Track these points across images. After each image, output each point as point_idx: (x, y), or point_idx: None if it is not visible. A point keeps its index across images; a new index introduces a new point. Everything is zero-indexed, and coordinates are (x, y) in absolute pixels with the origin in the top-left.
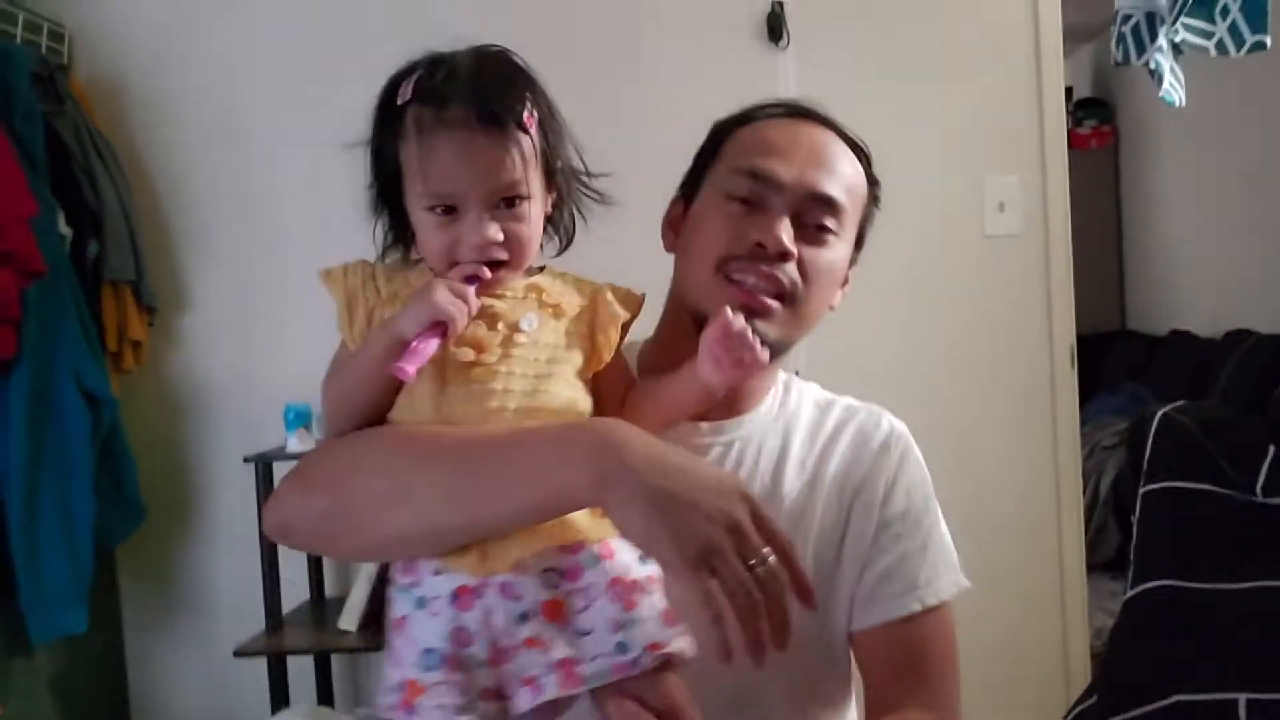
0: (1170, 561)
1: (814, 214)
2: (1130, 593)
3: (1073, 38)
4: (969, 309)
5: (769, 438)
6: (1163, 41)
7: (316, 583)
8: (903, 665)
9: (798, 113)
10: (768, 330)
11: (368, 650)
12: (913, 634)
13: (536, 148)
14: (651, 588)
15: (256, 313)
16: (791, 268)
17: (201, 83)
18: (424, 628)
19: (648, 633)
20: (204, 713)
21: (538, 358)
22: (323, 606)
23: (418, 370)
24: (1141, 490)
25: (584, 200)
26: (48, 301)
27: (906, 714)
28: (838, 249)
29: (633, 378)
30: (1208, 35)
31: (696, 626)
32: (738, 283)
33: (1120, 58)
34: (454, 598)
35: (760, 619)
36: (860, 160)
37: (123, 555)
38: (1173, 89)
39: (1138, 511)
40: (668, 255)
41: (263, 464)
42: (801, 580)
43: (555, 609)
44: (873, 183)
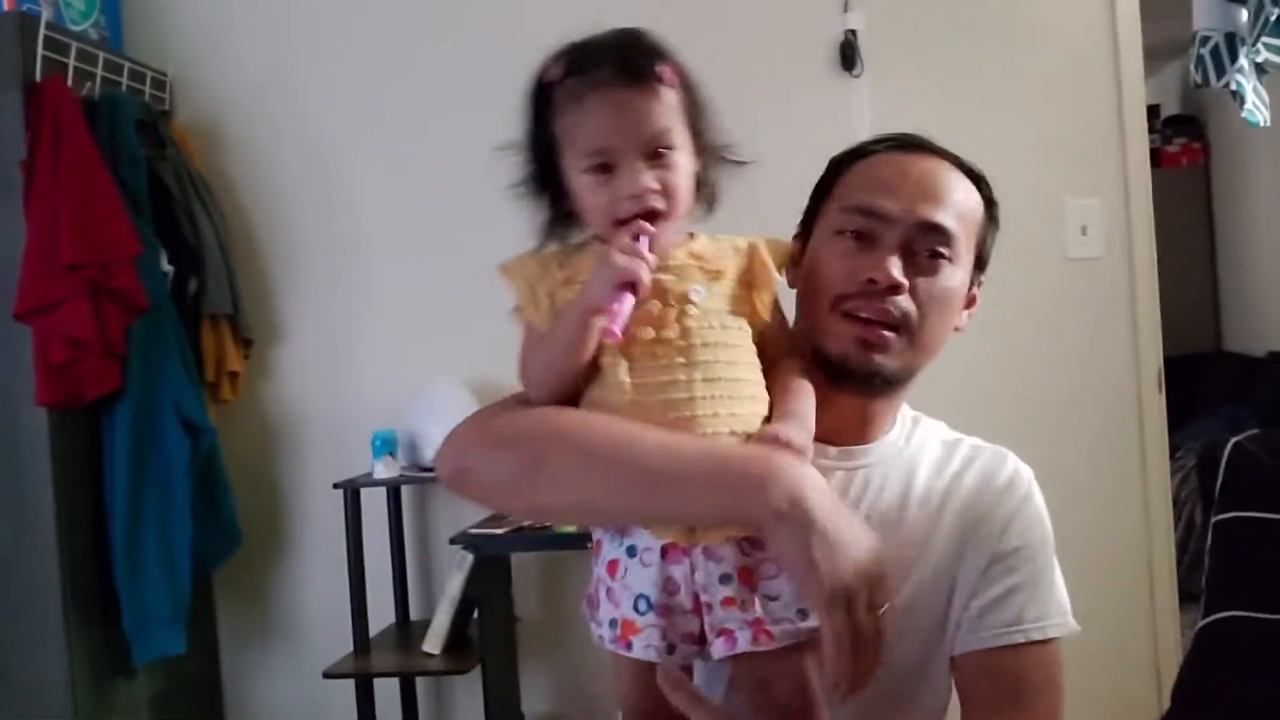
0: (1241, 592)
1: (925, 243)
2: (1202, 623)
3: (1159, 55)
4: (1052, 334)
5: (894, 468)
6: (1244, 62)
7: (402, 607)
8: (1001, 694)
9: (908, 145)
10: (886, 362)
11: (451, 673)
12: (1014, 665)
13: (680, 103)
14: None
15: (344, 345)
16: (904, 300)
17: (292, 125)
18: (637, 575)
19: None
20: None
21: (711, 325)
22: (408, 630)
23: (623, 328)
24: (1213, 520)
25: (729, 165)
26: (151, 336)
27: None
28: (953, 275)
29: (792, 332)
30: None
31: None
32: (853, 318)
33: (1200, 80)
34: (664, 552)
35: (866, 660)
36: (975, 184)
37: (219, 579)
38: (1256, 109)
39: (1209, 541)
40: None
41: (351, 490)
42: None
43: (749, 574)
44: (990, 204)
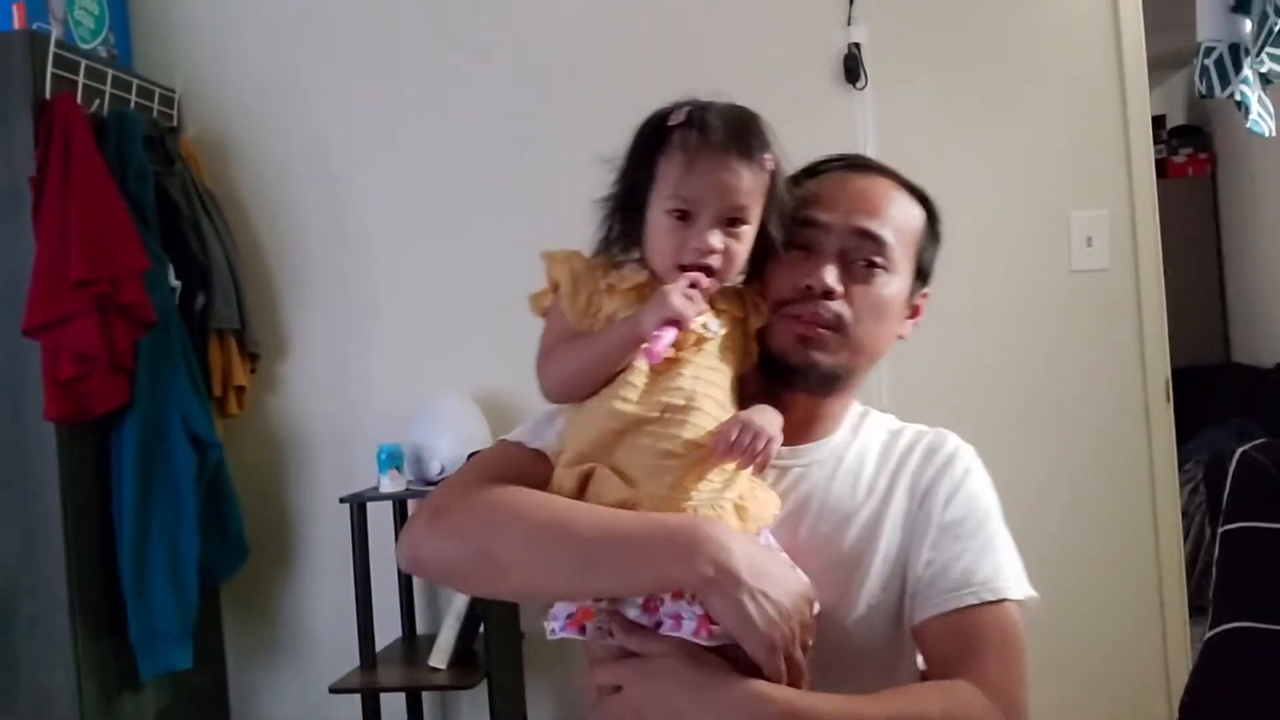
0: (1249, 603)
1: (861, 252)
2: (1209, 634)
3: (1165, 66)
4: (1058, 346)
5: (845, 459)
6: (1248, 73)
7: (408, 621)
8: (957, 653)
9: (853, 164)
10: (822, 358)
11: (457, 688)
12: (969, 625)
13: (767, 187)
14: None
15: (350, 359)
16: (838, 304)
17: (299, 141)
18: None
19: None
20: None
21: (711, 364)
22: (414, 644)
23: (661, 354)
24: (1220, 530)
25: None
26: (158, 351)
27: (954, 682)
28: (888, 284)
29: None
30: None
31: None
32: (791, 318)
33: (1204, 90)
34: None
35: (802, 681)
36: (920, 202)
37: (226, 593)
38: (1261, 120)
39: (1216, 552)
40: None
41: (357, 504)
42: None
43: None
44: (932, 218)
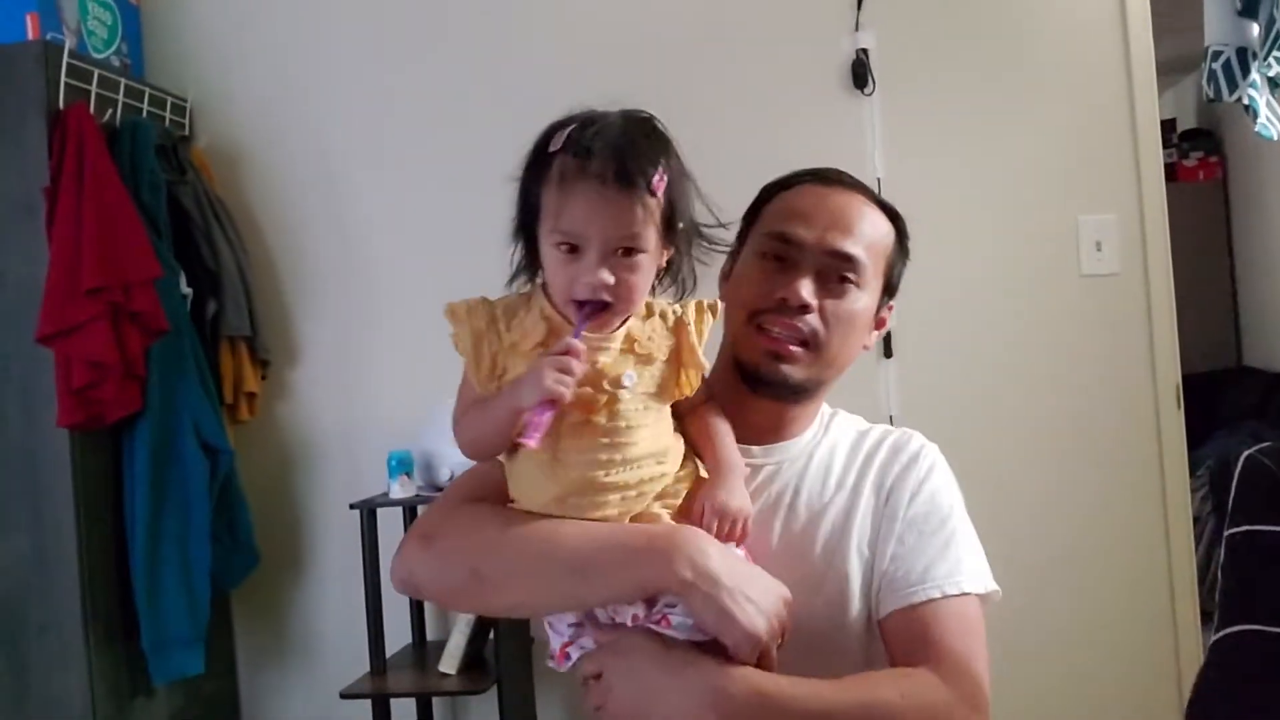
0: (1255, 606)
1: (835, 269)
2: (1215, 637)
3: (1175, 69)
4: (1067, 350)
5: (814, 457)
6: (1255, 76)
7: (418, 627)
8: (918, 644)
9: (828, 178)
10: (793, 373)
11: (467, 694)
12: (929, 617)
13: (660, 209)
14: None
15: (360, 365)
16: (813, 318)
17: (310, 150)
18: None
19: None
20: None
21: (636, 408)
22: (424, 650)
23: (539, 439)
24: (1226, 533)
25: (704, 250)
26: (170, 358)
27: (914, 669)
28: (859, 299)
29: (706, 395)
30: None
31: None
32: (766, 331)
33: (1212, 94)
34: None
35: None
36: (890, 219)
37: (237, 599)
38: (1269, 123)
39: (1222, 555)
40: None
41: (367, 510)
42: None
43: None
44: (901, 235)
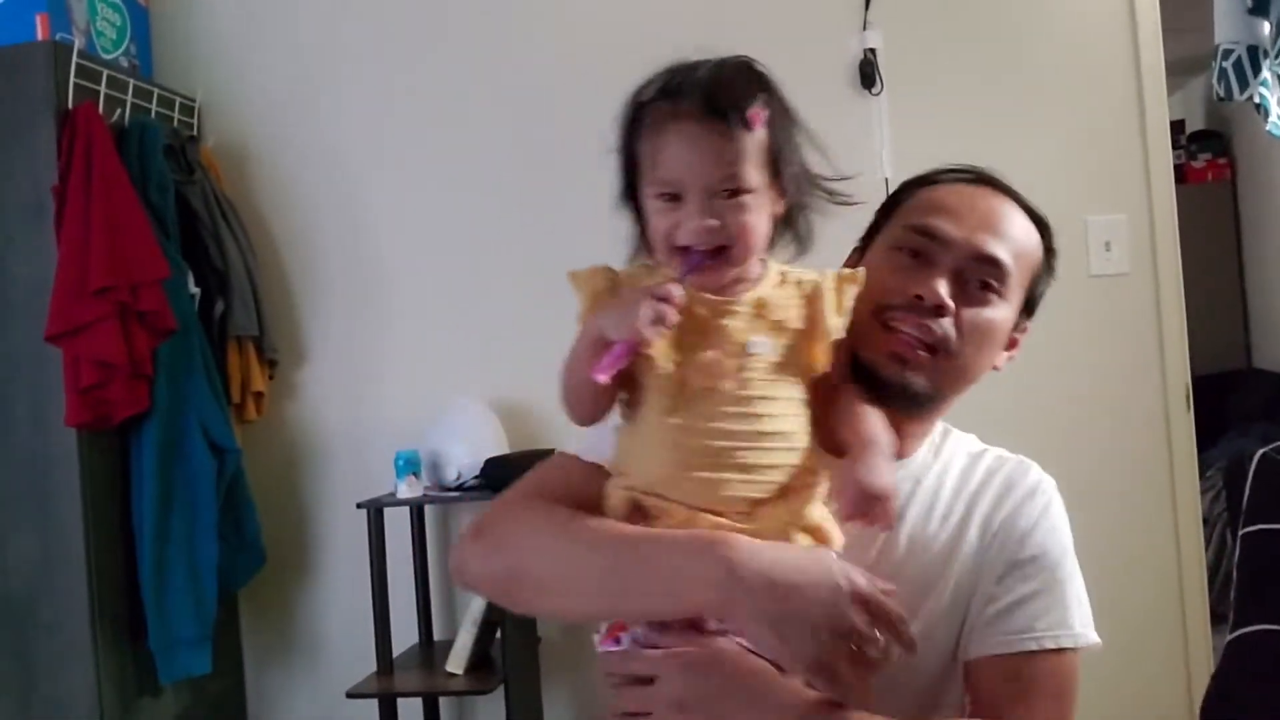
0: (1270, 605)
1: (977, 273)
2: (1231, 636)
3: (1183, 70)
4: (1076, 351)
5: (923, 482)
6: (1266, 75)
7: (425, 626)
8: (1010, 697)
9: (978, 179)
10: (915, 379)
11: (474, 693)
12: (1026, 669)
13: (764, 148)
14: None
15: (367, 365)
16: (947, 322)
17: (317, 150)
18: None
19: None
20: None
21: (767, 379)
22: (431, 650)
23: (610, 376)
24: (1241, 532)
25: (824, 203)
26: (178, 357)
27: None
28: (999, 310)
29: (842, 377)
30: None
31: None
32: (893, 330)
33: (1222, 93)
34: None
35: (868, 699)
36: (1039, 230)
37: (244, 599)
38: None
39: (1237, 554)
40: None
41: (374, 510)
42: (909, 643)
43: None
44: (1049, 251)
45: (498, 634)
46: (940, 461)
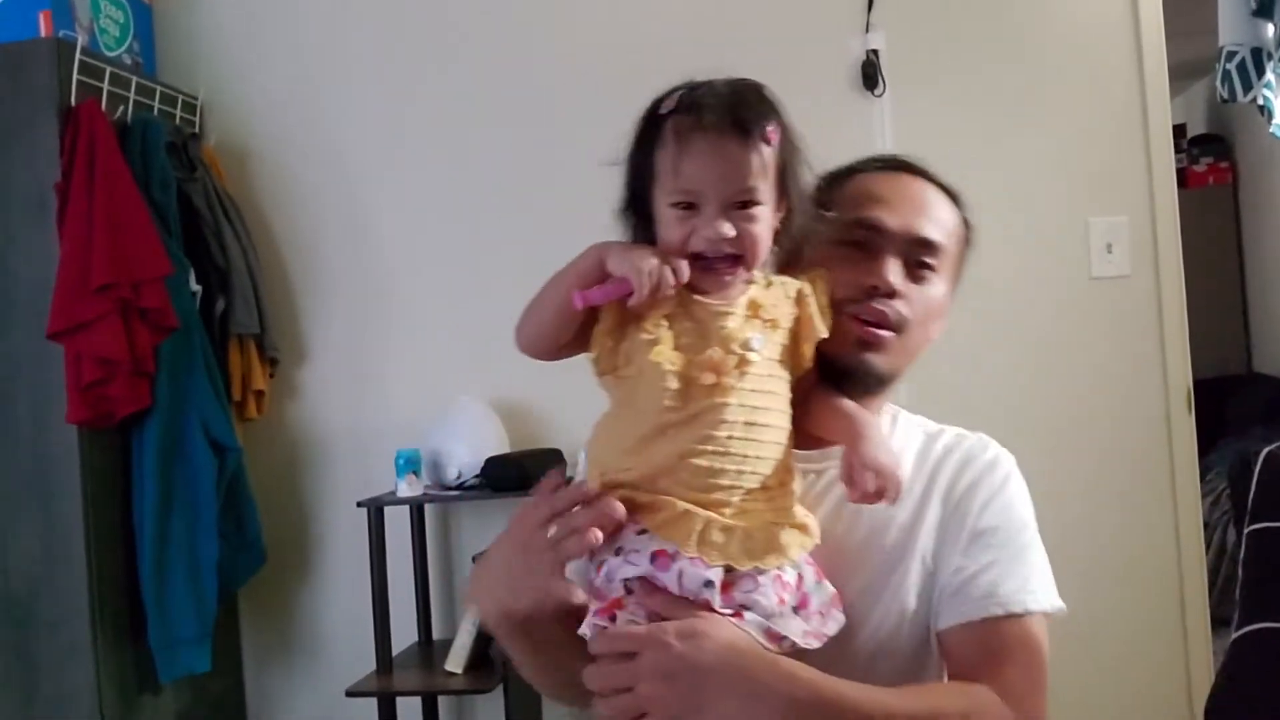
0: (1276, 603)
1: (917, 255)
2: (1235, 634)
3: (1185, 74)
4: (1078, 353)
5: None
6: (1270, 77)
7: (425, 626)
8: (980, 662)
9: (897, 166)
10: (879, 362)
11: (473, 693)
12: (994, 635)
13: (775, 161)
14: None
15: (368, 364)
16: (900, 304)
17: (320, 148)
18: (625, 569)
19: (790, 626)
20: None
21: (766, 374)
22: (430, 649)
23: (585, 305)
24: (1245, 531)
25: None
26: (179, 355)
27: (977, 686)
28: (939, 286)
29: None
30: None
31: None
32: (855, 320)
33: (1226, 95)
34: (653, 558)
35: None
36: (955, 205)
37: (244, 597)
38: None
39: (1242, 552)
40: None
41: (374, 509)
42: None
43: (729, 586)
44: (967, 225)
45: None
46: (895, 441)
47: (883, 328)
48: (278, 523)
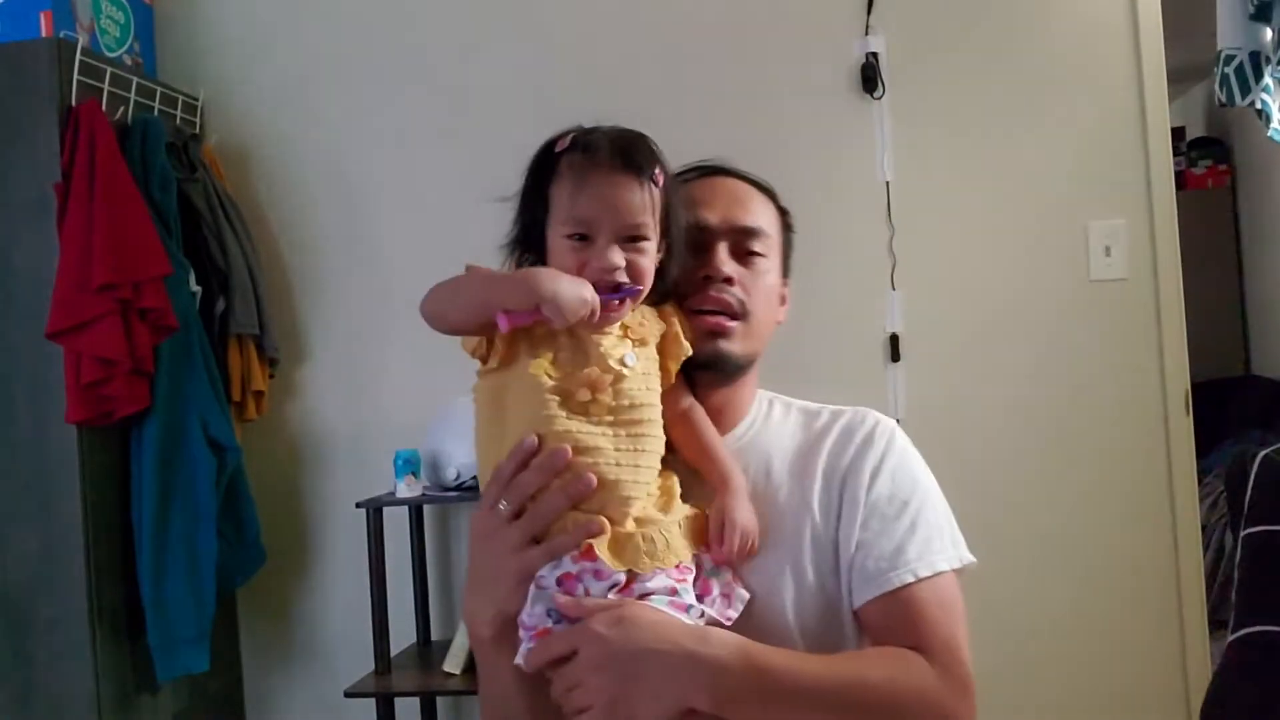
0: (1272, 606)
1: (743, 243)
2: (1231, 637)
3: (1184, 78)
4: (1076, 356)
5: (754, 450)
6: (1269, 80)
7: (423, 626)
8: (901, 629)
9: (709, 171)
10: (730, 348)
11: (472, 693)
12: (908, 601)
13: (661, 201)
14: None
15: (368, 364)
16: (737, 289)
17: (320, 149)
18: (539, 599)
19: (692, 596)
20: None
21: (640, 388)
22: (429, 649)
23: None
24: (1242, 533)
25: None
26: (178, 355)
27: (903, 650)
28: (770, 271)
29: (688, 395)
30: None
31: None
32: (697, 313)
33: (1224, 99)
34: (558, 582)
35: None
36: (771, 198)
37: (242, 597)
38: None
39: (1238, 555)
40: None
41: (373, 509)
42: None
43: (630, 584)
44: (784, 213)
45: None
46: (772, 424)
47: (726, 315)
48: (277, 523)
